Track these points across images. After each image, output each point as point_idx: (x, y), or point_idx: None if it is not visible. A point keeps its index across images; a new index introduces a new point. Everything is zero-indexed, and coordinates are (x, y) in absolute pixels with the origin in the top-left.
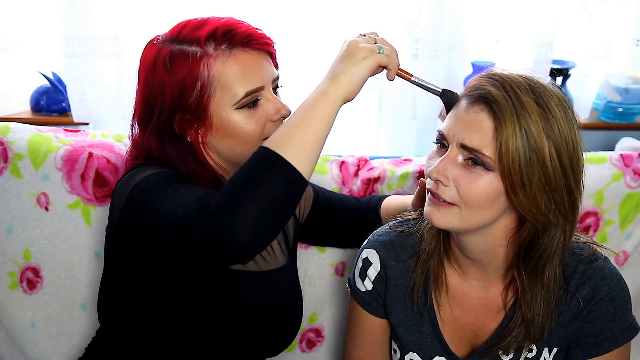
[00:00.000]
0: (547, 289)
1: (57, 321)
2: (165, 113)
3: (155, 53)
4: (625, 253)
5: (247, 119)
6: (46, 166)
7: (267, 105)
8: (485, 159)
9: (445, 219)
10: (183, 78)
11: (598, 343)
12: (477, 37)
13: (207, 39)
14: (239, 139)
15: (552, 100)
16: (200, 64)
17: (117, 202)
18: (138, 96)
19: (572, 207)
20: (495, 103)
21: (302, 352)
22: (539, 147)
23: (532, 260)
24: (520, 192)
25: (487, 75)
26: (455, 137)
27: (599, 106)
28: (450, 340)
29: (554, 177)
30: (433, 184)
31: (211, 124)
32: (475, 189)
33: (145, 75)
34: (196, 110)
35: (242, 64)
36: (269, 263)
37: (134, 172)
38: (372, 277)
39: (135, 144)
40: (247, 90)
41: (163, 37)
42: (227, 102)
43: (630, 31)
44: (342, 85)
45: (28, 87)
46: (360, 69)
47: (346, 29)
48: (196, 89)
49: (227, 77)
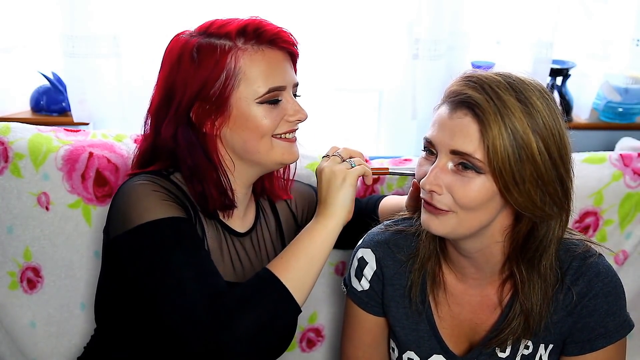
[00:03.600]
0: (544, 278)
1: (57, 321)
2: (185, 102)
3: (182, 45)
4: (625, 253)
5: (266, 114)
6: (46, 166)
7: (286, 105)
8: (476, 163)
9: (443, 226)
10: (209, 68)
11: (592, 339)
12: (477, 37)
13: (238, 33)
14: (253, 131)
15: (533, 94)
16: (228, 55)
17: (115, 218)
18: (158, 88)
19: (565, 196)
20: (477, 106)
21: (302, 352)
22: (526, 143)
23: (530, 252)
24: (514, 190)
25: (465, 79)
26: (443, 144)
27: (599, 106)
28: (447, 338)
29: (545, 170)
30: (427, 194)
31: (229, 115)
32: (469, 192)
33: (169, 67)
34: (217, 101)
35: (268, 61)
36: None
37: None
38: (369, 276)
39: (146, 140)
40: (270, 87)
41: (190, 31)
42: (249, 96)
43: (630, 31)
44: (336, 214)
45: (28, 87)
46: (345, 191)
47: (346, 29)
48: (220, 79)
49: (252, 71)
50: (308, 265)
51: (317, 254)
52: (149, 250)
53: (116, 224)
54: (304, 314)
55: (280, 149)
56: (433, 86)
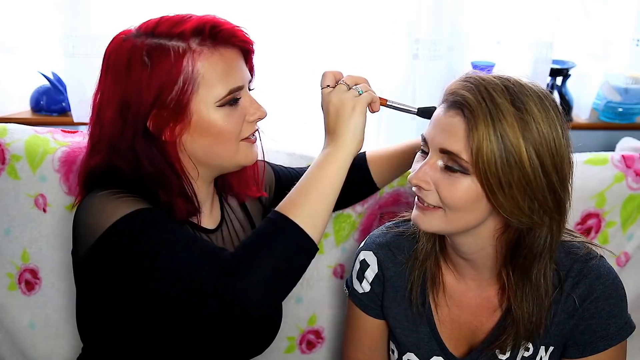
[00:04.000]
0: (537, 288)
1: (56, 322)
2: (141, 112)
3: (129, 49)
4: (627, 254)
5: (227, 117)
6: (44, 167)
7: (246, 104)
8: (462, 163)
9: (430, 223)
10: (164, 73)
11: (593, 341)
12: (477, 37)
13: (193, 34)
14: (216, 137)
15: (531, 100)
16: (184, 58)
17: (83, 233)
18: (105, 98)
19: (557, 206)
20: (467, 107)
21: (302, 354)
22: (515, 149)
23: (519, 259)
24: (500, 194)
25: (464, 79)
26: (434, 142)
27: (599, 106)
28: (447, 340)
29: (534, 177)
30: (416, 188)
31: (189, 122)
32: (454, 192)
33: (116, 74)
34: (175, 107)
35: (226, 61)
36: None
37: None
38: (370, 278)
39: (95, 156)
40: (230, 88)
41: (134, 32)
42: (210, 99)
43: (630, 31)
44: (347, 143)
45: (28, 87)
46: (356, 120)
47: (346, 29)
48: (178, 84)
49: (211, 73)
50: (319, 200)
51: (328, 187)
52: (130, 243)
53: (84, 239)
54: (303, 316)
55: (243, 151)
56: (433, 86)
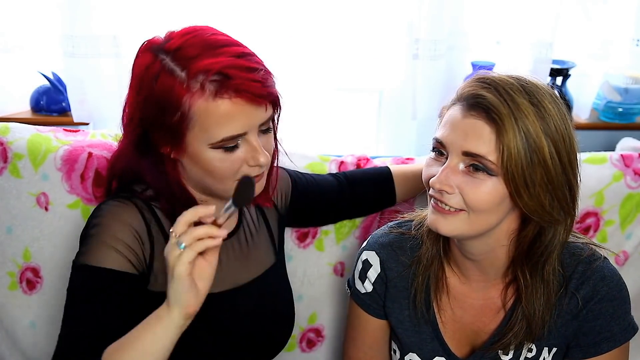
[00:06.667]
0: (547, 283)
1: (57, 321)
2: (146, 122)
3: (148, 63)
4: (626, 253)
5: (222, 160)
6: (46, 166)
7: (244, 150)
8: (489, 165)
9: (452, 227)
10: (166, 99)
11: (597, 343)
12: (477, 37)
13: (198, 72)
14: (210, 174)
15: (546, 98)
16: (185, 96)
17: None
18: (128, 99)
19: (572, 202)
20: (492, 108)
21: (302, 352)
22: (538, 147)
23: (535, 256)
24: (525, 193)
25: (479, 80)
26: (455, 145)
27: (599, 106)
28: (450, 341)
29: (555, 174)
30: (437, 193)
31: (185, 150)
32: (480, 194)
33: (133, 80)
34: (173, 134)
35: (226, 112)
36: (257, 269)
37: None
38: (373, 278)
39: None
40: (225, 136)
41: (161, 44)
42: (203, 139)
43: (630, 31)
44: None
45: (28, 87)
46: (176, 283)
47: (346, 29)
48: (177, 115)
49: (205, 118)
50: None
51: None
52: (72, 287)
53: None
54: (303, 314)
55: None
56: (433, 86)
